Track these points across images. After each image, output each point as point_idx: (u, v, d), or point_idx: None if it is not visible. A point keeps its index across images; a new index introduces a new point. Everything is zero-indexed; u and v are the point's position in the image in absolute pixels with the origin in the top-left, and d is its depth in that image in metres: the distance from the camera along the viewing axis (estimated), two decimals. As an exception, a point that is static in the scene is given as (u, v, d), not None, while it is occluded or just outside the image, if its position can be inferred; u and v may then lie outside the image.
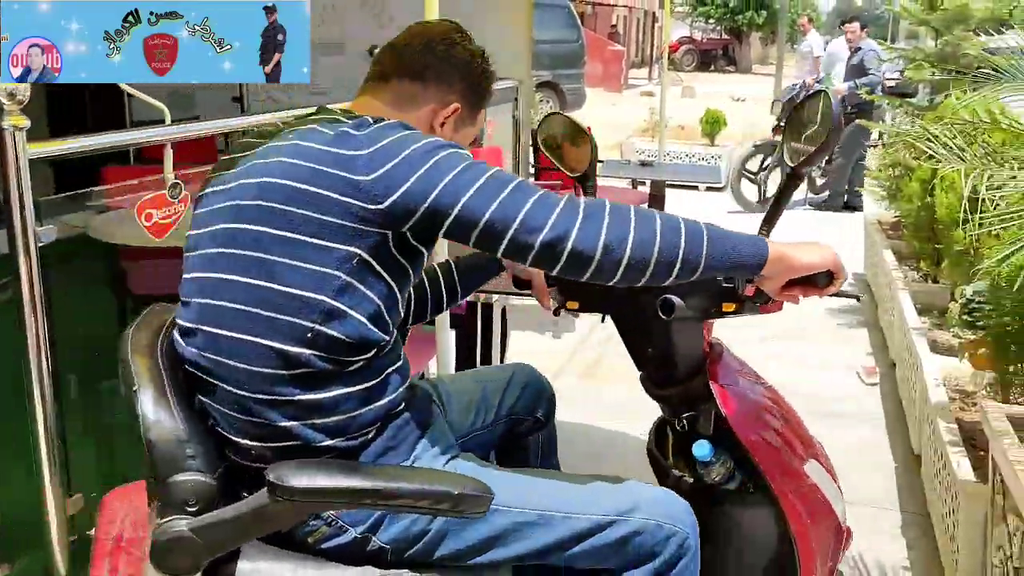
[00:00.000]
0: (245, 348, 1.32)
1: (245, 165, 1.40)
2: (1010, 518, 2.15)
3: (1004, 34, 5.34)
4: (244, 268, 1.33)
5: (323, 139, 1.34)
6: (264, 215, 1.32)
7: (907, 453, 3.45)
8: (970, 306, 2.97)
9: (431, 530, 1.39)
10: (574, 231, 1.27)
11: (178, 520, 1.22)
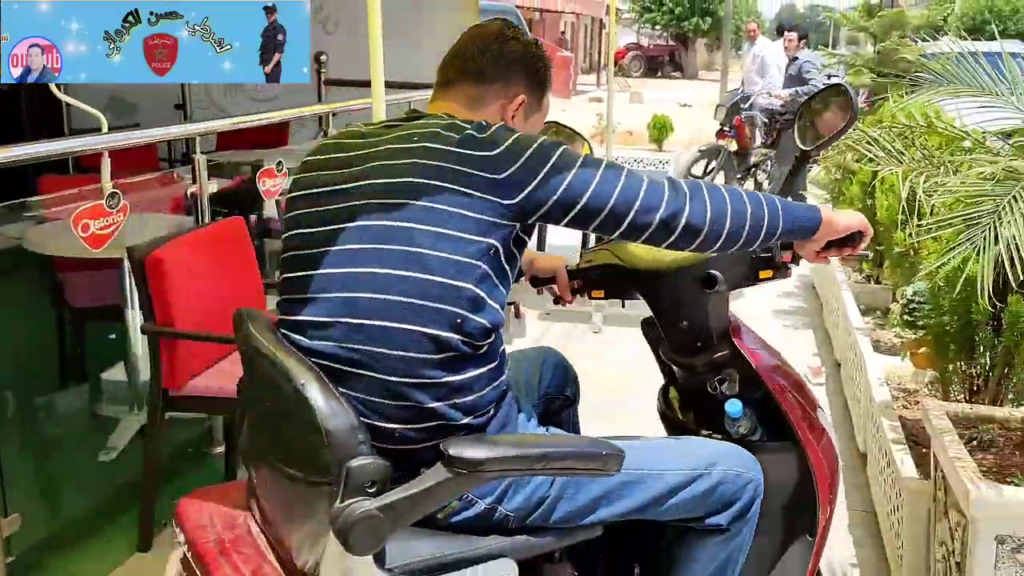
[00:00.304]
0: (400, 336, 1.41)
1: (364, 165, 1.50)
2: (951, 514, 2.19)
3: (939, 40, 5.47)
4: (398, 262, 1.41)
5: (452, 142, 1.46)
6: (413, 212, 1.42)
7: (853, 451, 3.51)
8: (910, 306, 3.03)
9: (550, 495, 1.52)
10: (686, 208, 1.47)
11: (362, 502, 1.26)
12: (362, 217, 1.45)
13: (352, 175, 1.50)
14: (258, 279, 3.04)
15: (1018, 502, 1.99)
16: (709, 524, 1.65)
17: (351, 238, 1.45)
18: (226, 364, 2.78)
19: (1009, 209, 1.85)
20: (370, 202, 1.46)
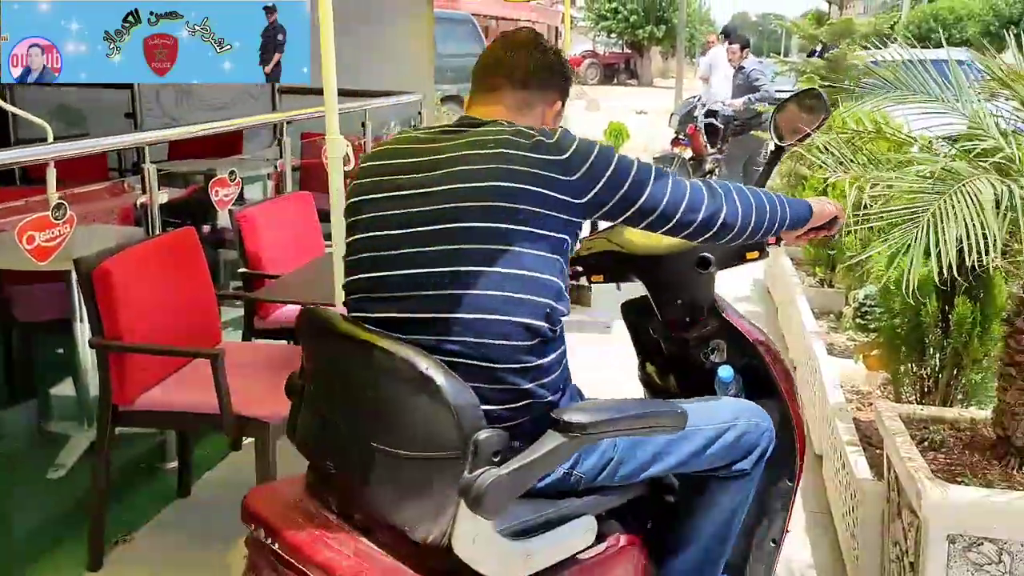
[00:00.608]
0: (501, 326, 1.55)
1: (445, 170, 1.60)
2: (904, 514, 2.22)
3: (887, 47, 5.57)
4: (498, 260, 1.54)
5: (526, 147, 1.60)
6: (505, 213, 1.55)
7: (810, 453, 3.54)
8: (862, 310, 3.08)
9: (614, 457, 1.69)
10: (724, 209, 1.71)
11: (490, 470, 1.39)
12: (454, 219, 1.56)
13: (431, 179, 1.60)
14: (211, 290, 2.99)
15: (968, 502, 2.03)
16: (735, 470, 1.88)
17: (447, 239, 1.56)
18: (179, 377, 2.73)
19: (945, 208, 1.88)
20: (460, 205, 1.57)
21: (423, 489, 1.46)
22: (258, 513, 1.64)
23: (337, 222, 2.41)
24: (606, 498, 1.74)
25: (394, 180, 1.65)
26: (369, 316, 1.62)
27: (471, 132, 1.66)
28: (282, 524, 1.59)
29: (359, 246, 1.67)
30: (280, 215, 3.57)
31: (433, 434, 1.44)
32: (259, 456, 2.54)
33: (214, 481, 3.20)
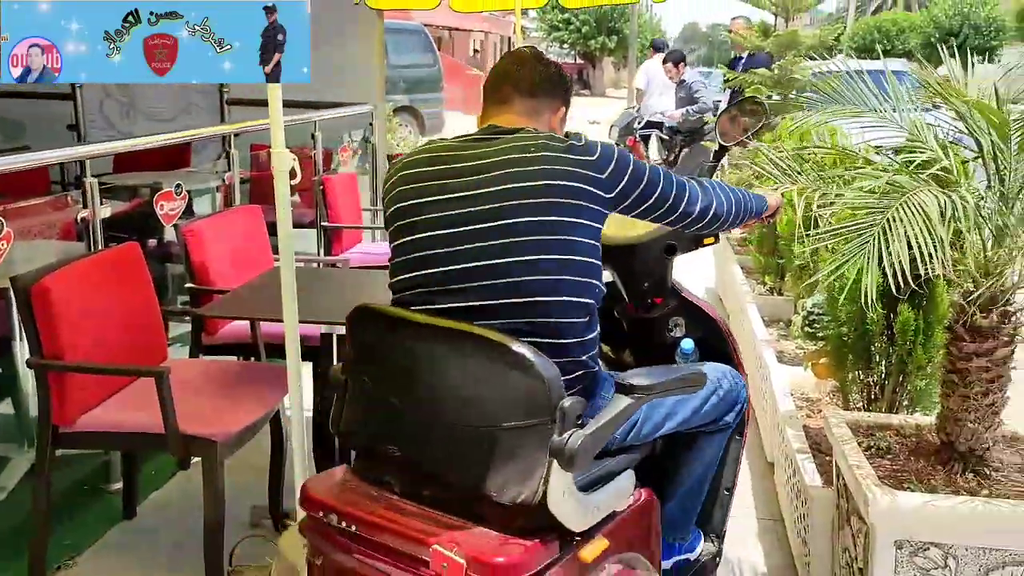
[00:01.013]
0: (564, 307, 1.76)
1: (490, 173, 1.78)
2: (853, 520, 2.25)
3: (832, 58, 5.68)
4: (558, 249, 1.74)
5: (562, 150, 1.80)
6: (556, 208, 1.74)
7: (761, 461, 3.58)
8: (810, 318, 3.12)
9: (639, 418, 1.91)
10: (714, 203, 2.01)
11: (576, 432, 1.57)
12: (510, 215, 1.74)
13: (481, 181, 1.78)
14: (156, 307, 2.93)
15: (914, 507, 2.06)
16: (721, 424, 2.19)
17: (505, 233, 1.74)
18: (123, 396, 2.66)
19: (893, 221, 1.91)
20: (514, 202, 1.75)
21: (515, 455, 1.61)
22: (322, 498, 1.74)
23: (285, 235, 2.37)
24: (630, 456, 1.93)
25: (442, 184, 1.81)
26: (436, 308, 1.78)
27: (505, 139, 1.84)
28: (353, 507, 1.71)
29: (415, 246, 1.82)
30: (228, 229, 3.51)
31: (525, 405, 1.61)
32: (207, 476, 2.49)
33: (161, 502, 3.13)
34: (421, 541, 1.60)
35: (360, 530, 1.68)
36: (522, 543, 1.60)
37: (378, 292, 3.21)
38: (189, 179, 4.58)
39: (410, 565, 1.62)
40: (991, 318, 2.16)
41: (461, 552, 1.55)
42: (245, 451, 2.64)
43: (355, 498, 1.74)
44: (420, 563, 1.60)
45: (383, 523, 1.67)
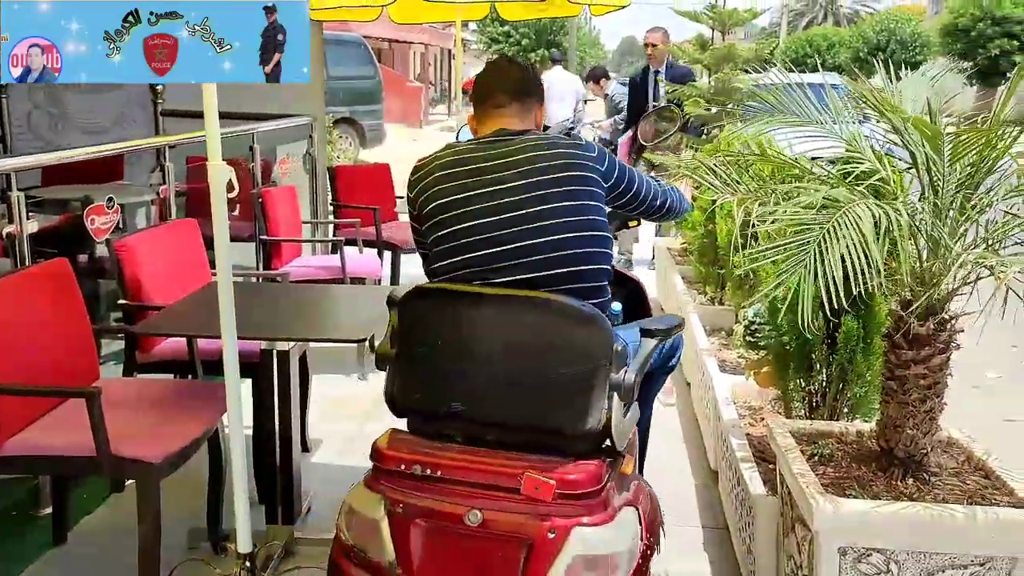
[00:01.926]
0: (596, 273, 2.17)
1: (517, 169, 2.14)
2: (798, 528, 2.27)
3: (768, 71, 5.77)
4: (588, 226, 2.15)
5: (571, 147, 2.21)
6: (581, 193, 2.15)
7: (706, 470, 3.60)
8: (751, 327, 3.15)
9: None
10: (668, 200, 2.53)
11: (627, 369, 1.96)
12: (541, 202, 2.11)
13: (510, 176, 2.13)
14: (86, 324, 2.83)
15: (856, 514, 2.08)
16: (672, 363, 2.69)
17: (539, 217, 2.10)
18: (52, 418, 2.56)
19: (830, 237, 1.94)
20: (546, 191, 2.12)
21: (580, 393, 1.94)
22: (400, 454, 1.97)
23: (222, 249, 2.31)
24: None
25: (477, 180, 2.14)
26: (491, 282, 2.09)
27: (519, 139, 2.21)
28: (432, 457, 1.94)
29: (460, 233, 2.12)
30: (163, 243, 3.42)
31: (587, 352, 1.94)
32: (141, 499, 2.40)
33: (93, 527, 3.01)
34: (508, 473, 1.87)
35: (444, 474, 1.91)
36: (589, 463, 1.92)
37: (318, 307, 3.18)
38: (122, 192, 4.45)
39: (500, 495, 1.87)
40: (928, 326, 2.20)
41: (549, 475, 1.85)
42: (182, 472, 2.56)
43: (429, 450, 1.97)
44: (510, 492, 1.86)
45: (466, 465, 1.92)
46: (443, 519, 1.90)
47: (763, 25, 45.30)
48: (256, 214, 4.81)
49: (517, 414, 1.99)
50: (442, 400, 2.02)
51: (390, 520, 1.93)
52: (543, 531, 1.84)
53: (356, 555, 2.00)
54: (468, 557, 1.90)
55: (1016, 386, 4.76)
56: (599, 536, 1.87)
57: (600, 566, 1.86)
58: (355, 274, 4.83)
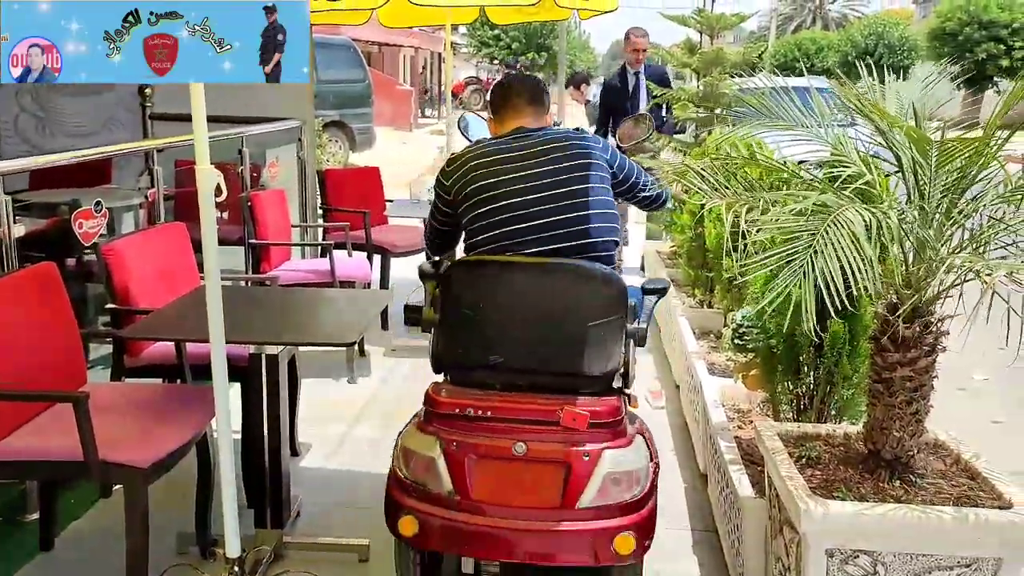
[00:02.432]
0: (609, 244, 2.54)
1: (541, 158, 2.51)
2: (785, 530, 2.28)
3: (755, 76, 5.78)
4: (603, 205, 2.53)
5: (584, 140, 2.61)
6: (596, 179, 2.53)
7: (695, 472, 3.61)
8: (740, 331, 3.16)
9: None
10: (660, 190, 2.88)
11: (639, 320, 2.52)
12: (565, 185, 2.49)
13: (539, 163, 2.51)
14: (74, 328, 2.82)
15: (844, 516, 2.09)
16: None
17: (569, 196, 2.48)
18: (39, 423, 2.55)
19: (822, 241, 1.95)
20: (571, 175, 2.50)
21: (603, 341, 2.36)
22: (451, 399, 2.33)
23: (210, 253, 2.31)
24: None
25: (508, 167, 2.51)
26: (522, 252, 2.44)
27: (539, 134, 2.60)
28: (479, 400, 2.32)
29: (492, 214, 2.48)
30: (151, 247, 3.41)
31: (609, 307, 2.35)
32: (129, 504, 2.40)
33: (80, 532, 3.00)
34: (547, 410, 2.27)
35: (493, 414, 2.28)
36: (611, 399, 2.34)
37: (307, 311, 3.17)
38: (110, 196, 4.44)
39: (541, 429, 2.26)
40: (914, 329, 2.22)
41: (587, 407, 2.27)
42: (170, 476, 2.55)
43: (475, 395, 2.34)
44: (550, 424, 2.26)
45: (510, 406, 2.30)
46: (493, 452, 2.27)
47: (752, 29, 45.47)
48: (245, 218, 4.80)
49: (550, 362, 2.38)
50: (484, 354, 2.39)
51: (445, 456, 2.27)
52: (579, 455, 2.25)
53: (414, 488, 2.33)
54: (516, 481, 2.27)
55: (1002, 388, 4.79)
56: (623, 456, 2.29)
57: (625, 481, 2.28)
58: (344, 278, 4.82)
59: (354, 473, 3.52)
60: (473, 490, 2.26)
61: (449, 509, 2.28)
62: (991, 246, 2.18)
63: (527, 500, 2.27)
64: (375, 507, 3.26)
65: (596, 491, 2.25)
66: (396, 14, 5.54)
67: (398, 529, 2.35)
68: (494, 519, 2.27)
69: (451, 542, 2.34)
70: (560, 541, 2.29)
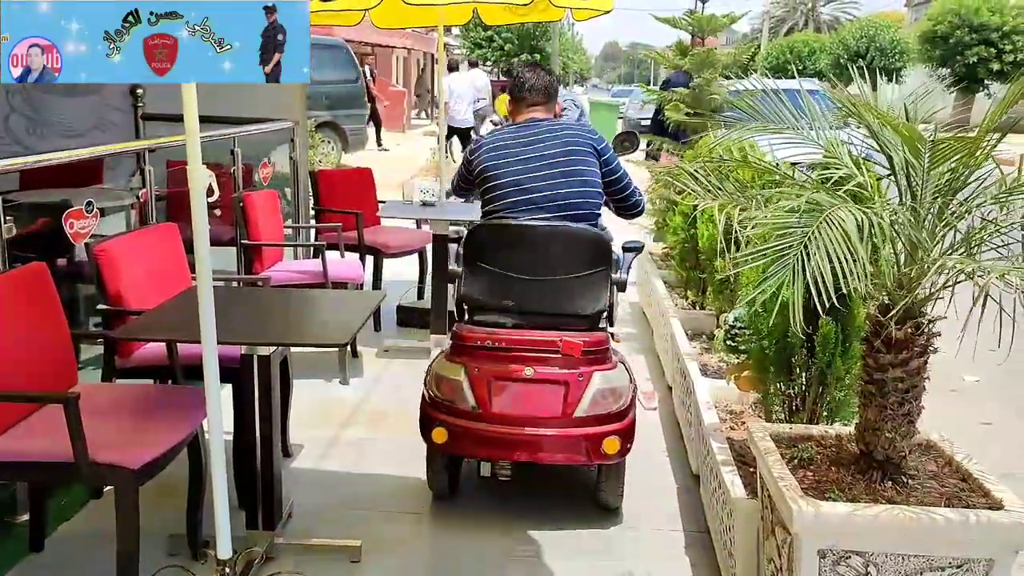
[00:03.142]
0: (593, 216, 3.12)
1: (551, 141, 3.18)
2: (778, 531, 2.28)
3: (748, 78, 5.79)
4: (592, 183, 3.15)
5: (582, 129, 3.25)
6: (587, 161, 3.15)
7: (687, 474, 3.61)
8: (732, 332, 3.16)
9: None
10: (640, 198, 3.43)
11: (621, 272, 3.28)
12: (568, 163, 3.13)
13: (544, 147, 3.17)
14: (65, 329, 2.81)
15: (836, 517, 2.09)
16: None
17: (567, 175, 3.12)
18: (30, 424, 2.54)
19: (814, 239, 1.95)
20: (570, 157, 3.15)
21: (593, 287, 3.06)
22: (473, 334, 3.04)
23: (201, 253, 2.30)
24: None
25: (520, 148, 3.20)
26: (528, 217, 3.10)
27: (546, 124, 3.27)
28: (495, 334, 3.01)
29: (503, 187, 3.16)
30: (143, 247, 3.40)
31: (597, 259, 3.04)
32: (120, 506, 2.39)
33: (71, 534, 2.98)
34: (549, 342, 2.96)
35: (507, 345, 2.98)
36: (599, 333, 3.05)
37: (299, 311, 3.16)
38: (102, 196, 4.41)
39: (545, 355, 2.96)
40: (905, 330, 2.22)
41: (581, 339, 2.96)
42: (162, 477, 2.54)
43: (492, 331, 3.03)
44: (551, 352, 2.94)
45: (521, 339, 2.99)
46: (507, 375, 2.96)
47: (744, 32, 45.59)
48: (237, 218, 4.79)
49: (551, 304, 3.07)
50: (498, 299, 3.09)
51: (469, 380, 2.96)
52: (575, 376, 2.94)
53: (443, 406, 2.99)
54: (525, 397, 2.94)
55: (992, 390, 4.81)
56: (610, 376, 2.99)
57: (611, 395, 2.97)
58: (337, 278, 4.81)
59: (346, 474, 3.51)
60: (492, 405, 2.93)
61: (472, 421, 2.93)
62: (983, 247, 2.18)
63: (534, 412, 2.92)
64: (367, 508, 3.27)
65: (589, 403, 2.92)
66: (389, 15, 5.52)
67: (431, 438, 2.99)
68: (508, 428, 2.91)
69: (474, 447, 2.98)
70: (561, 444, 2.93)
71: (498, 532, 3.09)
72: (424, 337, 5.08)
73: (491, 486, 3.21)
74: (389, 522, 3.16)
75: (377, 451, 3.70)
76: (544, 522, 3.15)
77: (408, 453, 3.42)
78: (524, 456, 2.90)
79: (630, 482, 3.21)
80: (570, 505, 3.30)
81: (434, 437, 2.97)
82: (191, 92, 2.18)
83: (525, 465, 3.02)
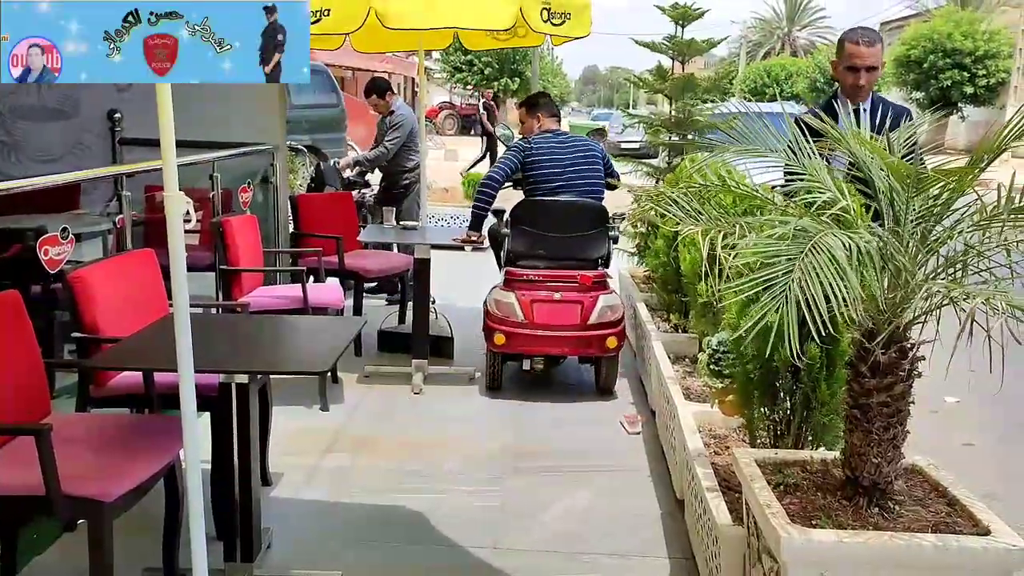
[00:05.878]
0: (599, 195, 4.95)
1: (577, 151, 4.91)
2: (764, 559, 2.25)
3: (726, 100, 5.84)
4: (600, 177, 4.96)
5: (590, 142, 5.16)
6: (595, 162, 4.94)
7: (671, 499, 3.58)
8: (715, 356, 3.15)
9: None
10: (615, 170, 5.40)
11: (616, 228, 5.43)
12: (586, 163, 4.87)
13: (572, 149, 4.88)
14: (37, 358, 2.75)
15: (824, 544, 2.07)
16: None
17: (586, 170, 4.85)
18: (1, 455, 2.47)
19: (804, 266, 1.94)
20: (588, 156, 4.91)
21: (599, 241, 4.84)
22: (520, 271, 4.77)
23: (178, 280, 2.26)
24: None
25: (552, 149, 4.83)
26: (558, 197, 4.76)
27: (564, 135, 4.97)
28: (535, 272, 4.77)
29: (544, 176, 4.77)
30: (119, 274, 3.35)
31: (600, 222, 4.80)
32: (93, 540, 2.33)
33: (43, 568, 2.91)
34: (571, 276, 4.74)
35: (543, 278, 4.74)
36: (604, 271, 4.89)
37: (279, 338, 3.12)
38: (78, 222, 4.36)
39: (567, 284, 4.73)
40: (890, 355, 2.21)
41: (591, 275, 4.75)
42: (137, 508, 2.48)
43: (533, 269, 4.76)
44: (572, 283, 4.73)
45: (551, 275, 4.75)
46: (544, 298, 4.70)
47: (722, 55, 46.08)
48: (216, 243, 4.74)
49: (572, 252, 4.77)
50: (534, 248, 4.76)
51: (518, 301, 4.67)
52: (588, 298, 4.69)
53: (501, 320, 4.67)
54: (556, 312, 4.68)
55: (974, 410, 4.82)
56: (609, 298, 4.78)
57: (611, 310, 4.73)
58: (317, 304, 4.76)
59: (327, 503, 3.45)
60: (534, 318, 4.66)
61: (520, 328, 4.65)
62: (968, 272, 2.18)
63: (562, 321, 4.67)
64: (348, 537, 3.21)
65: (597, 315, 4.67)
66: (370, 39, 5.53)
67: (493, 341, 4.68)
68: (544, 331, 4.67)
69: (522, 346, 4.70)
70: (579, 342, 4.71)
71: (488, 551, 3.04)
72: (405, 362, 5.04)
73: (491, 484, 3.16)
74: (370, 551, 3.11)
75: (358, 478, 3.65)
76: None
77: (390, 480, 3.37)
78: (555, 350, 4.73)
79: (613, 506, 3.18)
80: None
81: (495, 340, 4.65)
82: (168, 117, 2.15)
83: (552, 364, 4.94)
